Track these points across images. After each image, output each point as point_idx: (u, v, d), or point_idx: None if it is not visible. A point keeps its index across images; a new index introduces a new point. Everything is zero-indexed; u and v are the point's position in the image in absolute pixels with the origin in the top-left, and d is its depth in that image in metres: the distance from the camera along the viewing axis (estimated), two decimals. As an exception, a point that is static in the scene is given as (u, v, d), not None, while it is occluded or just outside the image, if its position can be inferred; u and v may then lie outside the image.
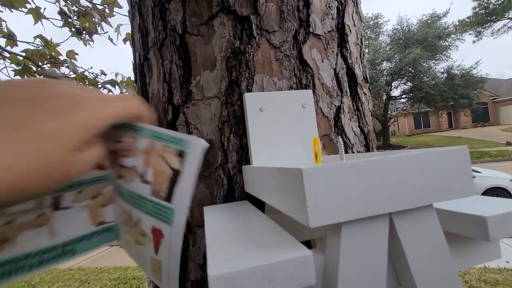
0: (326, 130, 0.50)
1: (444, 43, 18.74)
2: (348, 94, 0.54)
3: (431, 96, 17.82)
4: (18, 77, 2.15)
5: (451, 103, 18.84)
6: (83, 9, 2.07)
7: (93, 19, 2.10)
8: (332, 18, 0.53)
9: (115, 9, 2.29)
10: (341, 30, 0.54)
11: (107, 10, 2.25)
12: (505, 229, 0.23)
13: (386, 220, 0.22)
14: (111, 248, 6.58)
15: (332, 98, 0.51)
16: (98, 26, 2.23)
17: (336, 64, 0.53)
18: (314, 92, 0.49)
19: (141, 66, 0.58)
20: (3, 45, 2.17)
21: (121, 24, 2.35)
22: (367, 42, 21.85)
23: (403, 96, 21.15)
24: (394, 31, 20.24)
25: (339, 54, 0.54)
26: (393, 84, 20.26)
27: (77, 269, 5.40)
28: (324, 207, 0.19)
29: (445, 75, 19.05)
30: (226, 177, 0.47)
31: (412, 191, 0.21)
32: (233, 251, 0.20)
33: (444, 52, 18.75)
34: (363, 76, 0.60)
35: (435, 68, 19.53)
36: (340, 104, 0.52)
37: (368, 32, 21.98)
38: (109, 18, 2.27)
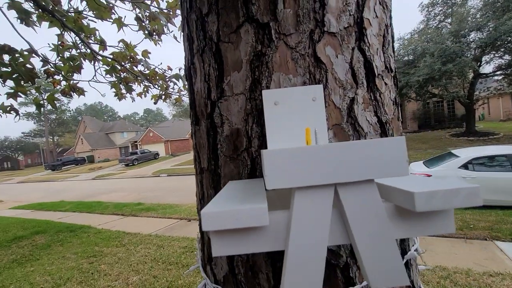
0: (338, 120, 0.55)
1: None
2: (365, 86, 0.58)
3: (538, 71, 14.24)
4: (108, 76, 2.65)
5: None
6: (153, 13, 2.40)
7: (161, 21, 2.41)
8: (350, 14, 0.57)
9: (177, 11, 2.56)
10: (359, 25, 0.58)
11: (171, 12, 2.55)
12: (432, 203, 0.28)
13: (332, 189, 0.29)
14: (181, 221, 7.55)
15: (345, 91, 0.56)
16: (165, 27, 2.55)
17: (351, 58, 0.57)
18: (326, 86, 0.55)
19: (189, 69, 0.72)
20: (97, 50, 2.68)
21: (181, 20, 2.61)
22: (450, 10, 18.46)
23: (498, 72, 17.42)
24: (490, -9, 16.51)
25: (357, 47, 0.57)
26: (483, 59, 16.84)
27: (154, 236, 6.40)
28: (277, 176, 0.27)
29: None
30: (249, 159, 0.58)
31: (354, 169, 0.28)
32: (223, 202, 0.31)
33: None
34: (386, 66, 0.62)
35: (546, 36, 15.41)
36: (354, 95, 0.56)
37: (451, -2, 18.56)
38: (173, 19, 2.57)
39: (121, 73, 2.74)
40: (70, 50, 2.49)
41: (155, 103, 3.29)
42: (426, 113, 24.62)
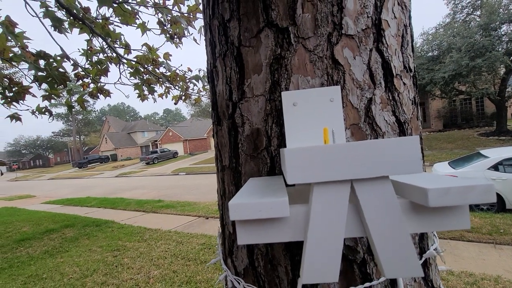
0: (355, 120, 0.57)
1: None
2: (382, 86, 0.59)
3: None
4: (132, 78, 2.78)
5: None
6: (174, 17, 2.49)
7: (182, 25, 2.50)
8: (368, 16, 0.58)
9: (198, 14, 2.64)
10: (377, 26, 0.58)
11: (191, 16, 2.63)
12: (445, 199, 0.29)
13: (348, 185, 0.31)
14: (199, 218, 7.73)
15: (363, 91, 0.57)
16: (185, 30, 2.64)
17: (369, 59, 0.58)
18: (344, 86, 0.56)
19: (211, 72, 0.76)
20: (122, 53, 2.82)
21: (203, 26, 2.69)
22: (479, 1, 17.40)
23: (533, 67, 16.22)
24: (524, -20, 15.37)
25: (374, 49, 0.58)
26: (517, 53, 15.73)
27: (174, 232, 6.61)
28: (297, 172, 0.30)
29: None
30: (269, 157, 0.61)
31: (369, 166, 0.30)
32: (247, 196, 0.34)
33: None
34: (404, 66, 0.62)
35: None
36: (372, 96, 0.57)
37: (481, -12, 17.49)
38: (193, 22, 2.65)
39: (144, 75, 2.86)
40: (98, 54, 2.64)
41: (175, 103, 3.40)
42: (452, 111, 23.40)
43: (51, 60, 2.30)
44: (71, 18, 2.26)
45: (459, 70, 14.75)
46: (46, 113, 2.41)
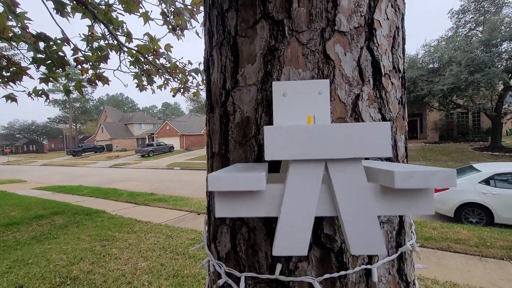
0: (342, 114, 0.59)
1: None
2: (371, 83, 0.61)
3: None
4: (132, 67, 2.78)
5: None
6: (177, 9, 2.50)
7: (185, 17, 2.51)
8: (361, 15, 0.60)
9: (201, 7, 2.65)
10: (370, 25, 0.60)
11: (195, 8, 2.64)
12: (410, 181, 0.31)
13: (322, 164, 0.33)
14: (191, 213, 7.72)
15: (351, 87, 0.59)
16: (188, 23, 2.64)
17: (360, 56, 0.60)
18: (333, 81, 0.58)
19: (207, 61, 0.78)
20: (123, 42, 2.82)
21: (203, 16, 2.70)
22: (482, 17, 17.61)
23: (530, 86, 16.45)
24: (527, 0, 15.59)
25: (365, 47, 0.60)
26: (515, 71, 15.95)
27: (164, 226, 6.59)
28: (275, 149, 0.32)
29: None
30: (257, 145, 0.62)
31: (343, 147, 0.32)
32: (230, 171, 0.35)
33: None
34: (394, 66, 0.64)
35: None
36: (359, 92, 0.59)
37: (485, 5, 17.70)
38: (196, 15, 2.66)
39: (144, 65, 2.86)
40: (99, 40, 2.63)
41: (173, 95, 3.40)
42: (448, 124, 23.64)
43: (51, 43, 2.29)
44: (74, 2, 2.26)
45: (458, 84, 14.91)
46: (43, 95, 2.40)
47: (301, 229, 0.35)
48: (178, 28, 2.64)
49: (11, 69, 2.20)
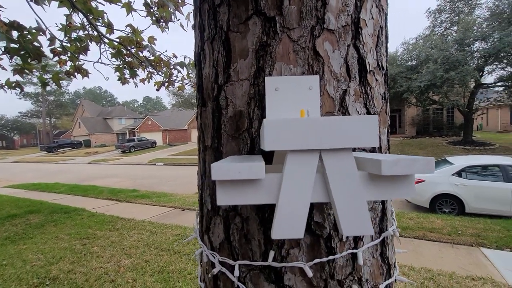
0: (331, 108, 0.62)
1: None
2: (357, 80, 0.64)
3: (538, 85, 14.32)
4: (114, 59, 2.68)
5: None
6: (162, 0, 2.43)
7: (169, 9, 2.45)
8: (348, 14, 0.63)
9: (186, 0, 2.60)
10: (356, 24, 0.64)
11: (180, 0, 2.58)
12: (395, 168, 0.35)
13: (317, 154, 0.36)
14: (175, 209, 7.64)
15: (339, 83, 0.62)
16: (173, 15, 2.58)
17: (347, 54, 0.63)
18: (322, 77, 0.61)
19: (198, 55, 0.78)
20: (104, 33, 2.71)
21: (191, 12, 2.65)
22: (456, 17, 18.43)
23: (499, 83, 17.53)
24: (497, 2, 16.47)
25: (352, 45, 0.64)
26: (485, 69, 16.90)
27: (148, 222, 6.49)
28: (274, 140, 0.34)
29: None
30: (250, 138, 0.64)
31: (336, 138, 0.35)
32: (230, 162, 0.37)
33: None
34: (378, 64, 0.68)
35: (550, 50, 15.49)
36: (347, 88, 0.63)
37: (459, 6, 18.52)
38: (181, 7, 2.60)
39: (126, 58, 2.77)
40: (78, 31, 2.51)
41: (157, 89, 3.32)
42: (425, 119, 24.77)
43: (25, 32, 2.17)
44: (51, -11, 2.14)
45: (434, 81, 15.60)
46: (17, 88, 2.27)
47: (298, 214, 0.37)
48: (162, 20, 2.58)
49: (-19, 60, 2.06)
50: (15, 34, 2.08)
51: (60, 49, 2.43)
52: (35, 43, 2.23)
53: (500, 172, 6.65)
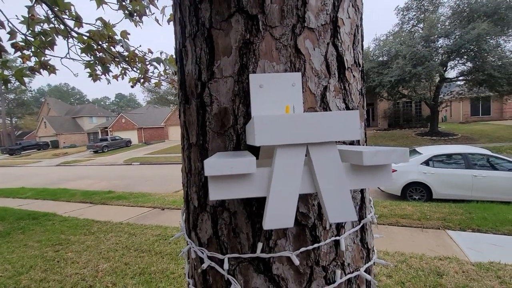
0: (312, 104, 0.65)
1: (520, 16, 15.87)
2: (336, 76, 0.68)
3: (494, 79, 15.60)
4: (83, 55, 2.54)
5: (520, 87, 16.27)
6: (135, -7, 2.33)
7: (142, 2, 2.36)
8: (327, 13, 0.66)
9: (161, -8, 2.51)
10: (334, 23, 0.67)
11: (154, -6, 2.49)
12: (375, 159, 0.38)
13: (304, 148, 0.38)
14: (154, 209, 7.45)
15: (320, 79, 0.65)
16: (147, 9, 2.49)
17: (326, 51, 0.66)
18: (304, 74, 0.64)
19: (180, 51, 0.77)
20: (72, 26, 2.55)
21: (166, 6, 2.58)
22: (422, 15, 19.46)
23: (460, 78, 18.88)
24: (458, 1, 17.64)
25: (331, 43, 0.67)
26: (448, 65, 18.09)
27: (126, 224, 6.28)
28: (264, 135, 0.36)
29: (516, 54, 16.35)
30: (235, 134, 0.66)
31: (321, 132, 0.37)
32: (220, 158, 0.39)
33: (518, 27, 15.96)
34: (355, 61, 0.72)
35: (504, 46, 16.91)
36: (327, 84, 0.66)
37: (425, 4, 19.57)
38: (155, 1, 2.51)
39: (98, 53, 2.63)
40: (42, 24, 2.34)
41: (132, 86, 3.20)
42: (396, 113, 26.12)
43: (-19, 25, 1.99)
44: (9, -21, 1.97)
45: (403, 76, 16.44)
46: (-25, 86, 2.09)
47: (287, 205, 0.40)
48: (135, 14, 2.47)
49: None
50: (-31, 27, 1.90)
51: (23, 44, 2.26)
52: (-6, 37, 2.05)
53: (462, 160, 7.22)
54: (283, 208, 0.40)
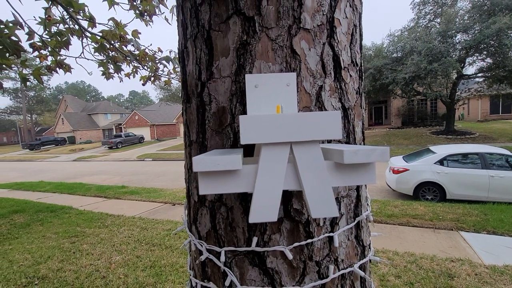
0: (307, 104, 0.66)
1: (545, 9, 15.02)
2: (332, 76, 0.69)
3: (517, 76, 14.89)
4: (97, 54, 2.63)
5: (544, 84, 15.45)
6: (145, -7, 2.39)
7: (153, 2, 2.41)
8: (323, 14, 0.67)
9: (170, -8, 2.55)
10: (331, 23, 0.68)
11: (164, -7, 2.54)
12: (355, 157, 0.39)
13: (288, 146, 0.40)
14: (165, 205, 7.62)
15: (315, 79, 0.67)
16: (157, 8, 2.54)
17: (322, 51, 0.67)
18: (299, 74, 0.65)
19: (182, 52, 0.80)
20: (86, 26, 2.65)
21: (175, 5, 2.61)
22: (440, 9, 18.78)
23: (479, 74, 18.13)
24: (478, -6, 16.85)
25: (327, 43, 0.68)
26: (467, 61, 17.40)
27: (138, 218, 6.46)
28: (249, 134, 0.38)
29: (541, 50, 15.50)
30: (232, 133, 0.68)
31: (304, 132, 0.39)
32: (211, 155, 0.41)
33: (544, 20, 15.10)
34: (352, 60, 0.73)
35: (527, 42, 16.08)
36: (322, 84, 0.67)
37: (442, -2, 18.85)
38: (165, 0, 2.56)
39: (110, 52, 2.72)
40: (58, 25, 2.44)
41: (143, 84, 3.28)
42: (410, 110, 25.42)
43: (1, 26, 2.09)
44: (27, -18, 2.06)
45: (418, 72, 15.95)
46: (-4, 85, 2.20)
47: (271, 200, 0.42)
48: (146, 14, 2.53)
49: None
50: (-9, 28, 2.00)
51: (40, 44, 2.36)
52: (13, 38, 2.16)
53: (479, 159, 6.97)
54: (268, 203, 0.42)
